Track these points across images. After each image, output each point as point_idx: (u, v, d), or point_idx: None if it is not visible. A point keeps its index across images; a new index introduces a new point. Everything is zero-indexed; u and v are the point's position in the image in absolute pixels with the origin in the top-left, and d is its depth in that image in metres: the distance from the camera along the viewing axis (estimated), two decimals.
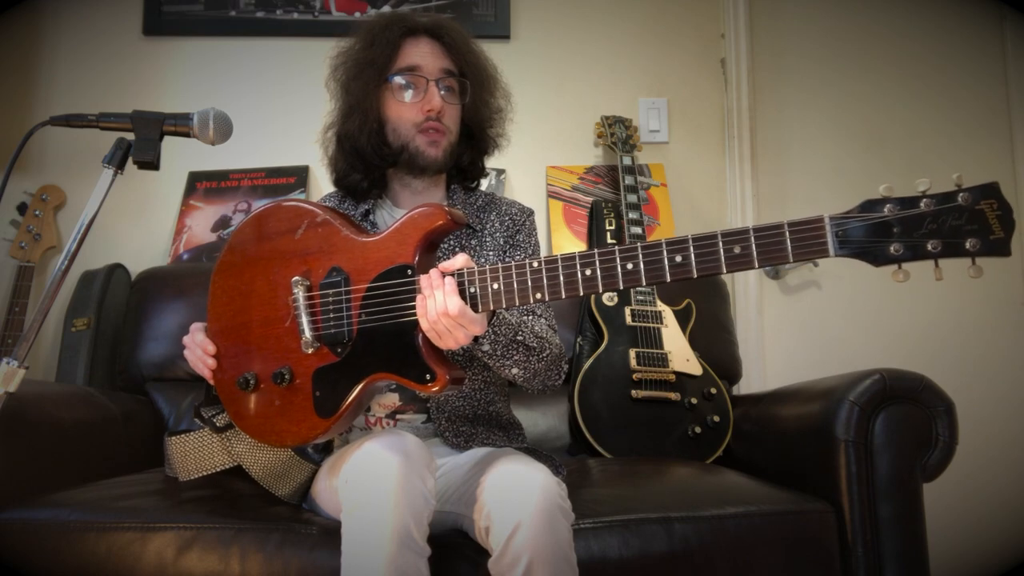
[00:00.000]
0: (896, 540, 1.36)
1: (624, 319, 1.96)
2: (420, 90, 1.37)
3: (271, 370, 1.19)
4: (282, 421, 1.18)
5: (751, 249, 0.99)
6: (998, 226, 0.94)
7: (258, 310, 1.22)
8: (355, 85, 1.39)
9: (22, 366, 1.11)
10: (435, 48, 1.39)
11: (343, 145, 1.43)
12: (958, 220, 0.96)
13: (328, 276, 1.17)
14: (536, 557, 1.05)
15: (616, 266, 1.04)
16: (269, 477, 1.37)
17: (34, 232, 2.20)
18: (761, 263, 0.99)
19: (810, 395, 1.55)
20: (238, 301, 1.24)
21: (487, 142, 1.47)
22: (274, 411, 1.19)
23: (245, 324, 1.23)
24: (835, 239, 0.97)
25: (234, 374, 1.22)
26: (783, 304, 2.41)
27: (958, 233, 0.96)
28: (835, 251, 0.97)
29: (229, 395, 1.24)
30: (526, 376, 1.27)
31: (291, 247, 1.21)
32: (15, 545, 1.24)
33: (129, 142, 1.20)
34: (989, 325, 2.41)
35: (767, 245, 0.99)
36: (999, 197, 0.94)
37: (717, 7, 2.49)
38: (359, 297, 1.15)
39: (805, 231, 0.98)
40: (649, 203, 2.31)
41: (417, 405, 1.38)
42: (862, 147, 2.46)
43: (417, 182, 1.43)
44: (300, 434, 1.17)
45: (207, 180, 2.33)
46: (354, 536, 1.06)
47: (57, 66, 2.37)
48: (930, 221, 0.97)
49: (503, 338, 1.20)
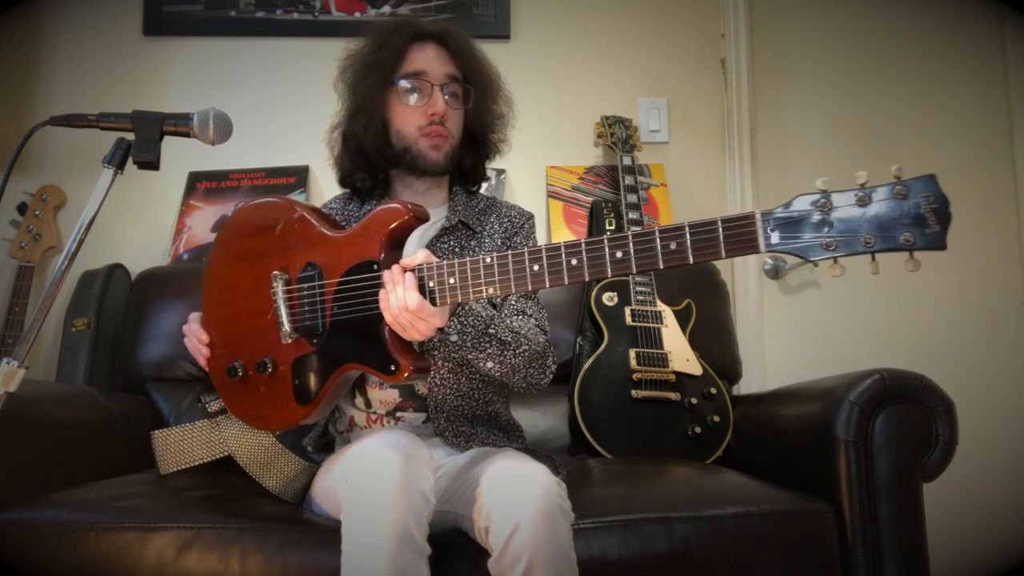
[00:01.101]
0: (896, 540, 1.36)
1: (624, 319, 1.96)
2: (425, 94, 1.39)
3: (256, 359, 1.27)
4: (266, 407, 1.27)
5: (686, 245, 1.01)
6: (933, 219, 0.93)
7: (244, 302, 1.30)
8: (362, 87, 1.42)
9: (22, 366, 1.11)
10: (441, 54, 1.42)
11: (348, 145, 1.46)
12: (893, 213, 0.95)
13: (303, 270, 1.25)
14: (536, 557, 1.05)
15: (562, 262, 1.08)
16: (255, 464, 1.38)
17: (34, 232, 2.20)
18: (696, 259, 1.01)
19: (810, 395, 1.55)
20: (227, 293, 1.32)
21: (489, 147, 1.50)
22: (259, 397, 1.27)
23: (234, 315, 1.31)
24: (765, 235, 0.98)
25: (224, 363, 1.30)
26: (783, 304, 2.41)
27: (893, 226, 0.95)
28: (766, 247, 0.98)
29: (221, 382, 1.32)
30: (503, 371, 1.29)
31: (271, 243, 1.29)
32: (15, 545, 1.24)
33: (129, 142, 1.20)
34: (989, 325, 2.41)
35: (701, 241, 1.00)
36: (935, 190, 0.93)
37: (717, 7, 2.49)
38: (332, 291, 1.22)
39: (738, 227, 0.99)
40: (649, 203, 2.31)
41: (417, 403, 1.38)
42: (862, 147, 2.46)
43: (419, 183, 1.46)
44: (283, 419, 1.27)
45: (207, 180, 2.33)
46: (354, 535, 1.06)
47: (57, 66, 2.37)
48: (864, 215, 0.96)
49: (471, 329, 1.23)
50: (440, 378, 1.36)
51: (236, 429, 1.38)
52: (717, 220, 0.99)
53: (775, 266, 2.40)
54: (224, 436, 1.38)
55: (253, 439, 1.38)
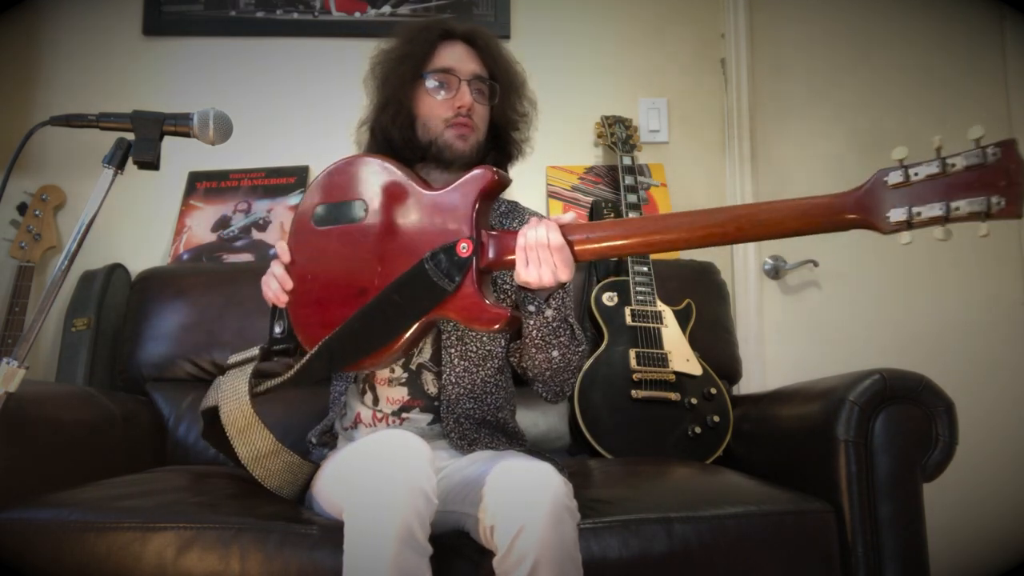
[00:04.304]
0: (896, 540, 1.36)
1: (624, 319, 1.96)
2: (452, 89, 1.42)
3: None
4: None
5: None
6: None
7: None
8: (391, 78, 1.44)
9: (22, 366, 1.11)
10: (469, 52, 1.45)
11: (376, 137, 1.48)
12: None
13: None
14: (542, 556, 1.05)
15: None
16: (232, 428, 1.33)
17: (34, 232, 2.20)
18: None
19: (810, 395, 1.55)
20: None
21: (513, 146, 1.52)
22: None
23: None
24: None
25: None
26: (783, 304, 2.41)
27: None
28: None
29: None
30: (562, 364, 1.31)
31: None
32: (15, 545, 1.24)
33: (129, 142, 1.20)
34: (989, 325, 2.41)
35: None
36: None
37: (717, 7, 2.49)
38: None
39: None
40: (649, 203, 2.31)
41: (424, 403, 1.39)
42: (862, 147, 2.46)
43: (443, 177, 1.44)
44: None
45: (207, 180, 2.33)
46: (356, 536, 1.06)
47: (57, 66, 2.37)
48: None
49: (563, 311, 1.27)
50: (455, 376, 1.37)
51: (228, 388, 1.36)
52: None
53: (775, 266, 2.40)
54: (222, 389, 1.36)
55: (236, 404, 1.34)
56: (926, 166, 0.98)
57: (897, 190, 0.99)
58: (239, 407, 1.33)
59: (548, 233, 1.16)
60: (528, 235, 1.17)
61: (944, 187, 0.96)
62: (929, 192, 0.97)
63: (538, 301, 1.25)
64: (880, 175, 1.01)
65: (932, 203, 0.96)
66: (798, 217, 1.06)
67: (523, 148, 1.54)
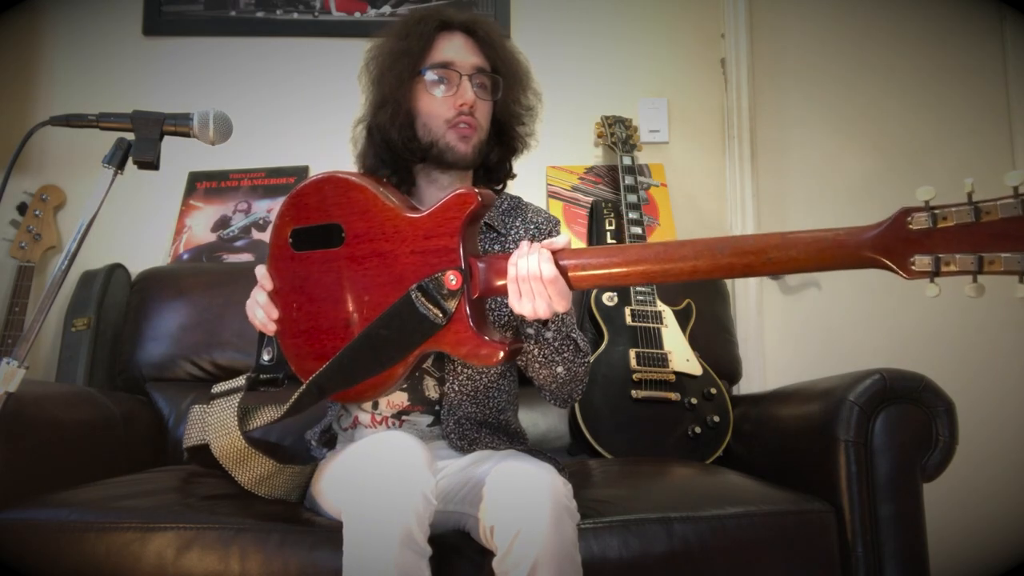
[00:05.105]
0: (896, 540, 1.36)
1: (624, 319, 1.96)
2: (453, 85, 1.34)
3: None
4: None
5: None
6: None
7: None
8: (388, 76, 1.36)
9: (22, 366, 1.11)
10: (469, 44, 1.37)
11: (373, 137, 1.40)
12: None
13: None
14: (542, 556, 1.05)
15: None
16: (228, 460, 1.33)
17: (34, 232, 2.20)
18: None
19: (810, 395, 1.55)
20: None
21: (517, 140, 1.45)
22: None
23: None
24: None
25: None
26: (783, 304, 2.41)
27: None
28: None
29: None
30: (567, 378, 1.28)
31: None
32: (15, 545, 1.24)
33: (129, 142, 1.20)
34: (989, 325, 2.41)
35: None
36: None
37: (717, 7, 2.49)
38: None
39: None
40: (649, 203, 2.31)
41: (425, 406, 1.37)
42: (862, 147, 2.46)
43: (444, 178, 1.40)
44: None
45: (207, 180, 2.33)
46: (355, 536, 1.06)
47: (57, 66, 2.37)
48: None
49: (564, 329, 1.23)
50: (459, 384, 1.35)
51: (216, 422, 1.33)
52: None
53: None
54: (208, 424, 1.34)
55: (227, 440, 1.32)
56: (956, 211, 0.88)
57: (922, 233, 0.90)
58: (230, 442, 1.30)
59: (540, 264, 1.07)
60: (519, 266, 1.09)
61: (977, 236, 0.87)
62: (959, 240, 0.88)
63: (536, 324, 1.21)
64: (902, 215, 0.92)
65: (964, 253, 0.87)
66: (812, 256, 0.98)
67: (527, 141, 1.47)
